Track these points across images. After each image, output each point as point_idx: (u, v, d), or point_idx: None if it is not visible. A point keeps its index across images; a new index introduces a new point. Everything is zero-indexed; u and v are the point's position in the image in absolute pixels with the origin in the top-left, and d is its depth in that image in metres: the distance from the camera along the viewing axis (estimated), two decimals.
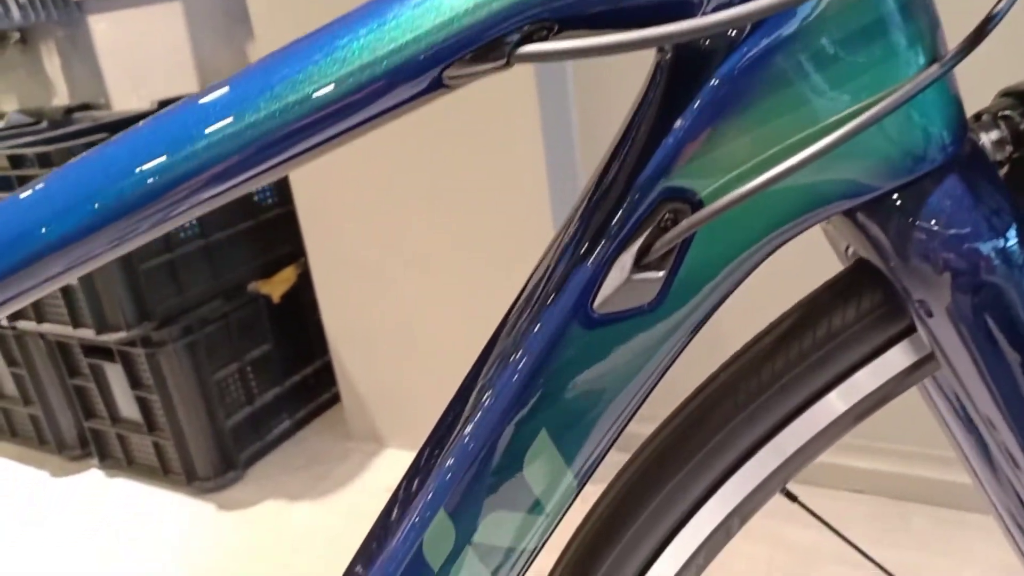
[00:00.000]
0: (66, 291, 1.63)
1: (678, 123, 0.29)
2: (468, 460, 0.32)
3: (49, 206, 0.28)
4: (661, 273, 0.30)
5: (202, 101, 0.28)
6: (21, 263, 0.28)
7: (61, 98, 2.42)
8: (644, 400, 0.33)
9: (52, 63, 2.47)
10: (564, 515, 0.34)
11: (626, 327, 0.31)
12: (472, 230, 1.49)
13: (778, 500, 1.33)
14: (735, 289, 0.32)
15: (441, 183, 1.50)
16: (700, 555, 0.37)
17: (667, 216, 0.30)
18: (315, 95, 0.28)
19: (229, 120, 0.28)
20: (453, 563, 0.32)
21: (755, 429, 0.35)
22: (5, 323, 1.81)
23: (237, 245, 1.77)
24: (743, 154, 0.29)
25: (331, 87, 0.27)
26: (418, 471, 0.34)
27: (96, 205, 0.28)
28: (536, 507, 0.33)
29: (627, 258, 0.30)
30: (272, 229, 1.84)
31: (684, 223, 0.29)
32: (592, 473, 0.34)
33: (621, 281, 0.30)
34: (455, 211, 1.49)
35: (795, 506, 1.41)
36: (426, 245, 1.56)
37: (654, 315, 0.31)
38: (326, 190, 1.65)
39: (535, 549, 0.34)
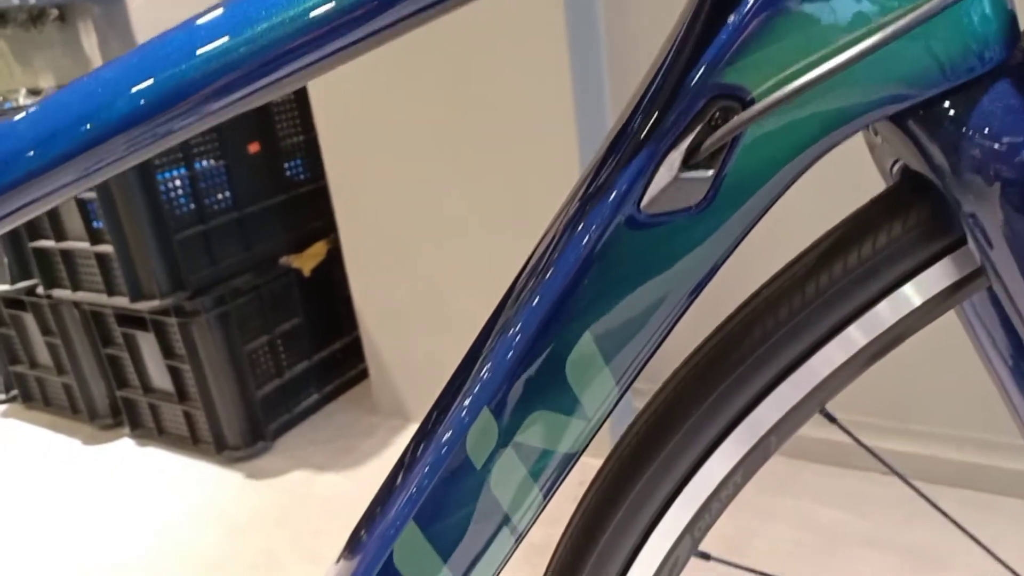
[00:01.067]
0: (102, 260, 1.65)
1: (731, 19, 0.29)
2: (513, 358, 0.32)
3: (43, 126, 0.29)
4: (710, 172, 0.30)
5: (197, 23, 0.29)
6: (12, 183, 0.29)
7: None
8: (687, 308, 0.33)
9: (90, 40, 2.51)
10: (603, 423, 0.34)
11: (673, 228, 0.31)
12: (504, 205, 1.49)
13: (806, 482, 1.32)
14: (780, 195, 0.32)
15: (473, 158, 1.50)
16: (738, 473, 0.37)
17: (717, 114, 0.30)
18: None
19: (224, 39, 0.29)
20: (494, 460, 0.33)
21: (796, 345, 0.35)
22: (41, 292, 1.84)
23: (269, 219, 1.79)
24: (796, 52, 0.29)
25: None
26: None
27: (88, 126, 0.29)
28: (577, 410, 0.33)
29: (676, 156, 0.30)
30: (304, 204, 1.86)
31: (734, 120, 0.29)
32: (633, 380, 0.34)
33: (669, 180, 0.30)
34: (486, 186, 1.50)
35: (822, 486, 1.41)
36: (457, 222, 1.56)
37: (701, 217, 0.31)
38: (358, 166, 1.67)
39: (575, 455, 0.35)
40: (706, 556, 0.41)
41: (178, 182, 1.61)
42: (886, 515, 1.30)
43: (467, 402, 0.33)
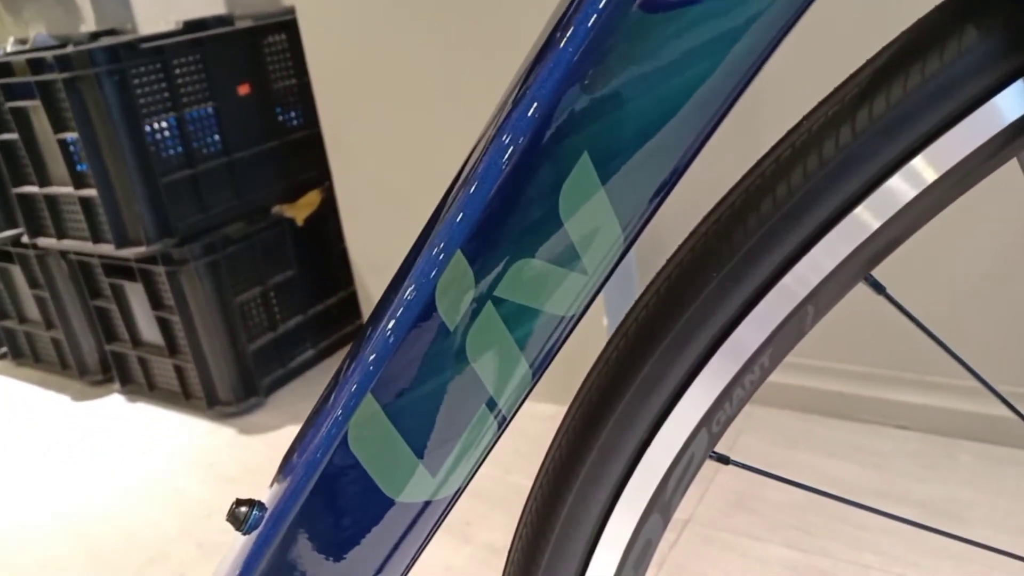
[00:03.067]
0: (87, 205, 1.59)
1: None
2: (497, 189, 0.26)
3: None
4: None
5: None
6: None
7: (88, 24, 2.38)
8: (711, 131, 0.26)
9: None
10: (603, 285, 0.28)
11: (695, 14, 0.24)
12: None
13: (818, 436, 1.26)
14: None
15: (474, 102, 1.43)
16: (765, 352, 0.31)
17: None
18: None
19: None
20: (473, 321, 0.27)
21: (845, 186, 0.29)
22: (26, 241, 1.78)
23: (261, 166, 1.72)
24: None
25: None
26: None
27: None
28: (573, 260, 0.27)
29: None
30: (297, 152, 1.79)
31: None
32: (640, 231, 0.28)
33: None
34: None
35: (835, 440, 1.35)
36: (455, 165, 1.49)
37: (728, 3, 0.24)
38: (352, 111, 1.59)
39: (570, 321, 0.28)
40: (724, 459, 0.35)
41: (164, 123, 1.54)
42: (900, 469, 1.24)
43: (436, 248, 0.27)
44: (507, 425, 0.30)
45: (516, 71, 0.28)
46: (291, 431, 1.60)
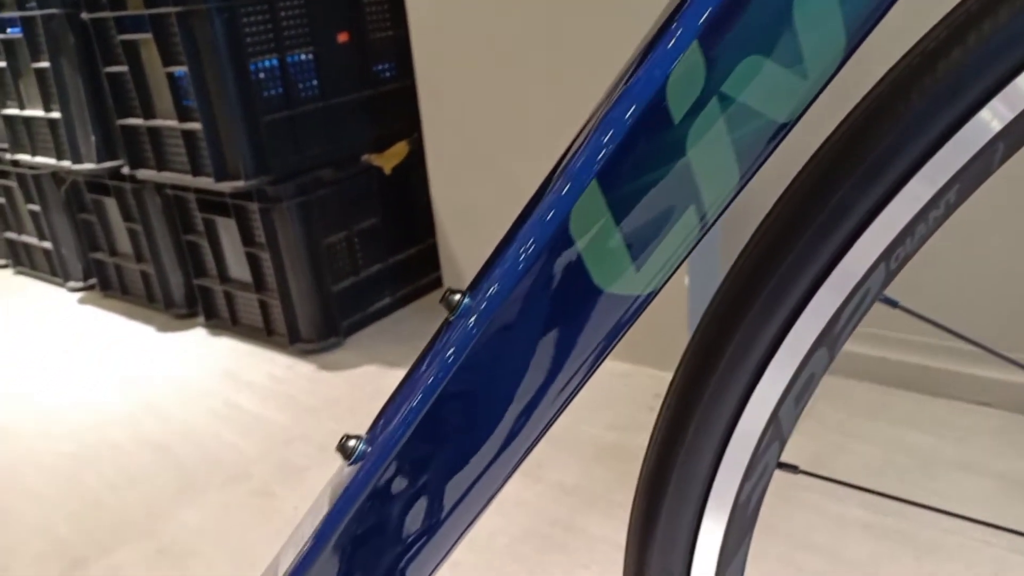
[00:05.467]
0: (189, 139, 1.65)
1: None
2: None
3: None
4: None
5: None
6: None
7: None
8: None
9: None
10: (819, 93, 0.30)
11: None
12: None
13: (899, 408, 1.26)
14: None
15: (568, 59, 1.45)
16: (956, 184, 0.33)
17: None
18: None
19: None
20: (696, 114, 0.28)
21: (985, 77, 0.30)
22: (125, 173, 1.84)
23: (354, 114, 1.76)
24: None
25: None
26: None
27: None
28: (798, 63, 0.28)
29: None
30: (388, 103, 1.82)
31: None
32: (855, 48, 0.29)
33: None
34: (581, 89, 1.44)
35: (916, 412, 1.34)
36: (547, 126, 1.51)
37: None
38: (448, 63, 1.62)
39: (784, 128, 0.30)
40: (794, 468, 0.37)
41: (267, 64, 1.59)
42: (981, 443, 1.23)
43: (670, 40, 0.28)
44: (707, 231, 0.32)
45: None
46: (369, 370, 1.65)
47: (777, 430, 0.38)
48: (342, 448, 0.36)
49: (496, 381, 0.33)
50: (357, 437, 0.36)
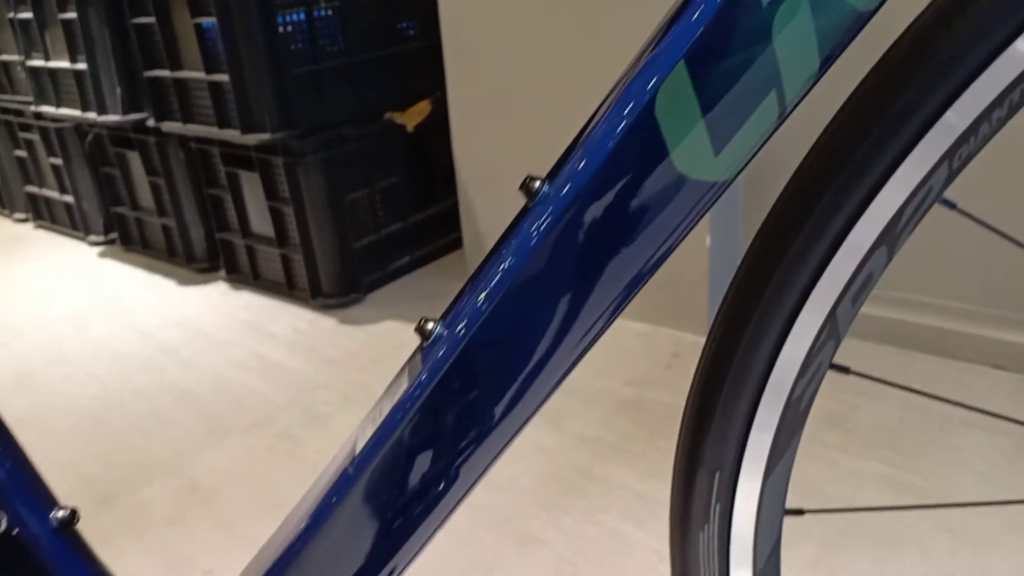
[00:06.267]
0: (216, 92, 1.66)
1: None
2: None
3: None
4: None
5: None
6: None
7: None
8: None
9: None
10: None
11: None
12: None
13: (914, 369, 1.28)
14: None
15: (599, 13, 1.45)
16: (978, 128, 0.34)
17: None
18: None
19: None
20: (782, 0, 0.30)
21: None
22: (151, 125, 1.86)
23: (378, 71, 1.77)
24: None
25: None
26: None
27: None
28: None
29: None
30: (411, 61, 1.83)
31: None
32: None
33: None
34: (611, 44, 1.45)
35: (931, 373, 1.36)
36: (576, 83, 1.52)
37: None
38: (475, 16, 1.63)
39: (865, 16, 0.31)
40: (845, 369, 0.38)
41: (294, 17, 1.60)
42: (995, 405, 1.25)
43: None
44: (784, 119, 0.33)
45: None
46: (389, 326, 1.67)
47: (833, 329, 0.40)
48: (420, 330, 0.37)
49: (574, 266, 0.35)
50: (435, 320, 0.38)
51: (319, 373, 1.51)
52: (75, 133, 2.17)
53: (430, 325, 0.38)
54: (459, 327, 0.37)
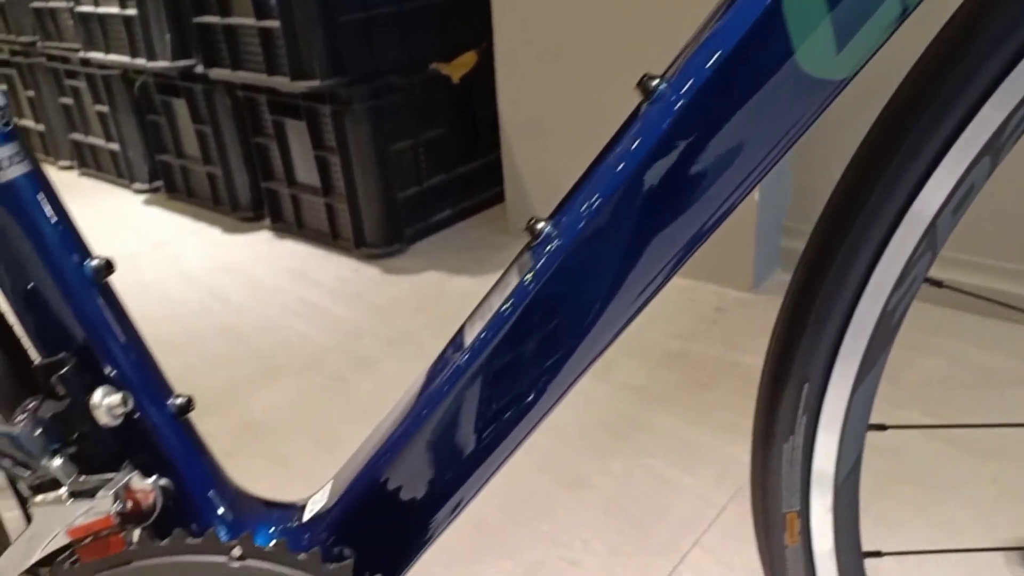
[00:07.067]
0: (266, 38, 1.67)
1: None
2: None
3: None
4: None
5: None
6: None
7: None
8: None
9: None
10: None
11: None
12: (690, 14, 1.43)
13: (964, 326, 1.28)
14: None
15: None
16: None
17: None
18: None
19: None
20: None
21: None
22: (199, 72, 1.87)
23: (424, 20, 1.77)
24: None
25: None
26: None
27: None
28: None
29: None
30: (457, 12, 1.83)
31: None
32: None
33: None
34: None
35: (981, 333, 1.36)
36: (629, 33, 1.50)
37: None
38: None
39: None
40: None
41: None
42: None
43: None
44: (906, 17, 0.33)
45: None
46: (432, 276, 1.68)
47: (932, 240, 0.40)
48: (531, 229, 0.38)
49: (691, 164, 0.35)
50: (544, 219, 0.39)
51: (366, 319, 1.53)
52: (121, 80, 2.19)
53: (540, 224, 0.39)
54: (569, 226, 0.38)
